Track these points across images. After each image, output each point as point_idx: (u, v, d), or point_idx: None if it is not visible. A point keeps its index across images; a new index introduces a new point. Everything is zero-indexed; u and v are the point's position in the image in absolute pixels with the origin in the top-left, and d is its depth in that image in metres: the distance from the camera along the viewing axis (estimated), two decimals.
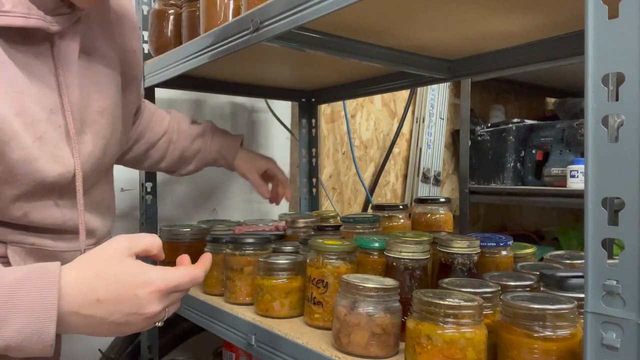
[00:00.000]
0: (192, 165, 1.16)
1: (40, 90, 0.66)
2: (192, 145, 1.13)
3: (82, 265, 0.57)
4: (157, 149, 1.11)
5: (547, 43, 0.91)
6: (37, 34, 0.66)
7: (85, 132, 0.73)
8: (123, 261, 0.57)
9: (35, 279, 0.52)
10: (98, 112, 0.75)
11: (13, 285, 0.52)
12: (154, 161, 1.12)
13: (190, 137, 1.13)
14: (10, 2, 0.61)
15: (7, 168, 0.62)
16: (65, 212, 0.71)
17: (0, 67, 0.62)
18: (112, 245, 0.58)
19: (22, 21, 0.62)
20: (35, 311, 0.51)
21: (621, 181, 0.41)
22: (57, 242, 0.71)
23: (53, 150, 0.66)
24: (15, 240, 0.68)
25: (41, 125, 0.65)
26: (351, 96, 1.49)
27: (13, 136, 0.62)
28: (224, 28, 0.90)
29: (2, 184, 0.63)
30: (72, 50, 0.70)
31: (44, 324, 0.51)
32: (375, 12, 0.77)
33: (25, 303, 0.51)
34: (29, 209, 0.67)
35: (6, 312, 0.51)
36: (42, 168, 0.65)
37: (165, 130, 1.11)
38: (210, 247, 0.99)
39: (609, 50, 0.42)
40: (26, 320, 0.51)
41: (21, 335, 0.51)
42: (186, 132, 1.13)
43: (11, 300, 0.51)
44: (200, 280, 0.61)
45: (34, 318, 0.51)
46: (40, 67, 0.67)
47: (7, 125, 0.61)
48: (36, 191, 0.66)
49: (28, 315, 0.51)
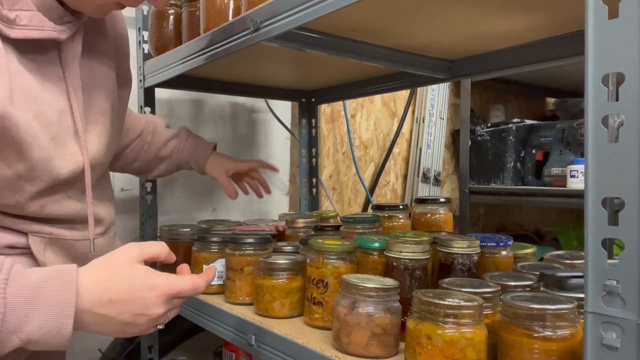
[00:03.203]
0: (164, 166, 1.18)
1: (52, 94, 0.71)
2: (166, 145, 1.16)
3: (97, 268, 0.63)
4: (132, 149, 1.13)
5: (547, 43, 0.91)
6: (47, 43, 0.71)
7: (90, 131, 0.78)
8: (133, 266, 0.64)
9: (56, 279, 0.59)
10: (100, 112, 0.80)
11: (36, 286, 0.58)
12: (128, 161, 1.14)
13: (164, 138, 1.16)
14: (26, 17, 0.66)
15: (30, 167, 0.68)
16: (76, 204, 0.76)
17: (16, 75, 0.66)
18: (124, 252, 0.65)
19: (38, 34, 0.67)
20: (56, 309, 0.57)
21: (621, 181, 0.41)
22: (71, 232, 0.77)
23: (63, 149, 0.72)
24: (35, 230, 0.73)
25: (54, 127, 0.70)
26: (351, 96, 1.49)
27: (35, 137, 0.67)
28: (224, 28, 0.90)
29: (25, 182, 0.68)
30: (75, 55, 0.75)
31: (63, 320, 0.57)
32: (375, 12, 0.77)
33: (46, 301, 0.57)
34: (45, 202, 0.72)
35: (30, 309, 0.56)
36: (57, 166, 0.70)
37: (141, 132, 1.13)
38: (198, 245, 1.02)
39: (609, 50, 0.42)
40: (47, 316, 0.57)
41: (42, 330, 0.57)
42: (161, 134, 1.16)
43: (35, 298, 0.57)
44: (201, 290, 0.67)
45: (54, 315, 0.57)
46: (50, 72, 0.72)
47: (29, 128, 0.66)
48: (52, 186, 0.72)
49: (49, 312, 0.57)
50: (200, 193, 1.61)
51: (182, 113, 1.58)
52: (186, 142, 1.18)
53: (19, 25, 0.66)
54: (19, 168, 0.67)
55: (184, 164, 1.20)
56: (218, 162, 1.20)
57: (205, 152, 1.19)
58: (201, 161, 1.19)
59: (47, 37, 0.68)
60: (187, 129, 1.21)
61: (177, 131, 1.18)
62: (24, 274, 0.59)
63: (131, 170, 1.18)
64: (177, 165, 1.20)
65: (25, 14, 0.66)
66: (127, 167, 1.16)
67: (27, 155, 0.67)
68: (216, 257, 0.99)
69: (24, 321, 0.56)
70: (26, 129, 0.66)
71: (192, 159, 1.19)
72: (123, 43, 0.92)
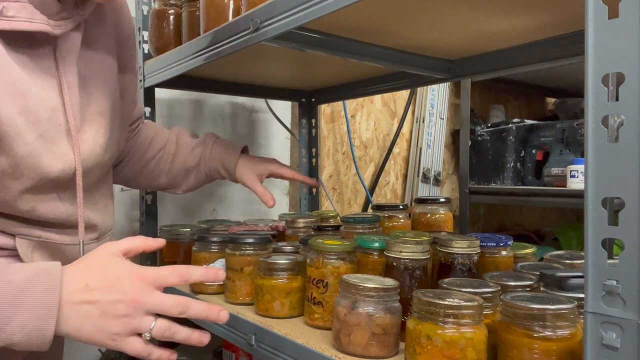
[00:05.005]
0: (192, 177, 1.09)
1: (43, 90, 0.69)
2: (192, 154, 1.08)
3: (76, 263, 0.65)
4: (157, 162, 1.08)
5: (547, 43, 0.91)
6: (40, 37, 0.69)
7: (85, 130, 0.76)
8: (110, 258, 0.64)
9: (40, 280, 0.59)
10: (98, 112, 0.79)
11: (20, 285, 0.58)
12: (153, 176, 1.08)
13: (189, 147, 1.08)
14: (14, 8, 0.64)
15: (14, 163, 0.66)
16: (67, 207, 0.75)
17: (4, 69, 0.65)
18: (100, 249, 0.66)
19: (27, 25, 0.65)
20: (39, 310, 0.57)
21: (621, 181, 0.41)
22: (61, 236, 0.76)
23: (53, 148, 0.70)
24: (23, 233, 0.72)
25: (42, 123, 0.68)
26: (351, 96, 1.49)
27: (19, 132, 0.65)
28: (224, 28, 0.90)
29: (10, 179, 0.67)
30: (73, 52, 0.73)
31: (46, 320, 0.57)
32: (375, 12, 0.77)
33: (30, 303, 0.57)
34: (35, 203, 0.71)
35: (13, 309, 0.56)
36: (45, 164, 0.69)
37: (165, 143, 1.08)
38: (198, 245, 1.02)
39: (609, 50, 0.42)
40: (30, 317, 0.57)
41: (24, 331, 0.57)
42: (186, 143, 1.09)
43: (18, 299, 0.57)
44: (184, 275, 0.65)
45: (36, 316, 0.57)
46: (43, 68, 0.70)
47: (12, 122, 0.65)
48: (41, 185, 0.70)
49: (31, 313, 0.57)
50: (200, 193, 1.61)
51: (182, 113, 1.58)
52: (213, 147, 1.08)
53: (6, 17, 0.63)
54: (2, 163, 0.66)
55: (214, 172, 1.09)
56: (248, 166, 1.07)
57: (233, 155, 1.07)
58: (230, 167, 1.07)
59: (37, 29, 0.66)
60: (213, 134, 1.11)
61: (203, 138, 1.10)
62: (8, 272, 0.58)
63: (158, 186, 1.11)
64: (206, 174, 1.09)
65: (14, 5, 0.64)
66: (154, 182, 1.10)
67: (10, 151, 0.65)
68: (216, 257, 0.99)
69: (5, 322, 0.56)
70: (9, 123, 0.64)
71: (221, 165, 1.08)
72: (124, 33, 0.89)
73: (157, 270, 0.64)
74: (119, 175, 1.07)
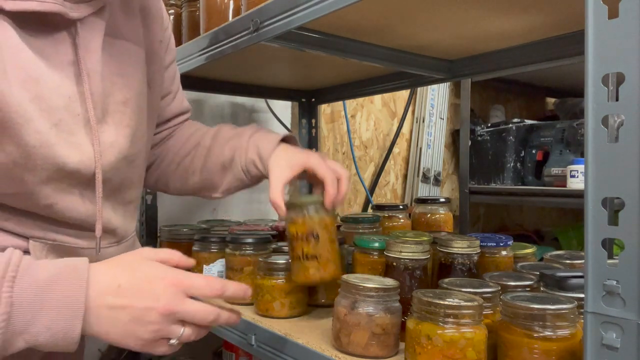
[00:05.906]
0: (229, 176, 0.89)
1: (59, 77, 0.65)
2: (228, 145, 0.89)
3: (108, 262, 0.62)
4: (192, 159, 0.93)
5: (547, 43, 0.91)
6: (56, 21, 0.64)
7: (107, 121, 0.71)
8: (144, 261, 0.62)
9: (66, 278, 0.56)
10: (122, 102, 0.73)
11: (45, 284, 0.55)
12: (187, 175, 0.93)
13: (226, 138, 0.90)
14: None
15: (25, 153, 0.62)
16: (88, 206, 0.70)
17: (15, 52, 0.60)
18: (136, 251, 0.64)
19: (36, 5, 0.61)
20: (65, 309, 0.55)
21: (621, 181, 0.41)
22: (77, 240, 0.72)
23: (69, 138, 0.66)
24: (37, 236, 0.68)
25: (58, 112, 0.64)
26: (351, 96, 1.49)
27: (28, 119, 0.62)
28: (224, 28, 0.91)
29: (23, 170, 0.63)
30: (95, 38, 0.68)
31: (72, 321, 0.55)
32: (375, 12, 0.77)
33: (56, 301, 0.55)
34: (56, 199, 0.67)
35: (38, 308, 0.54)
36: (60, 154, 0.65)
37: (201, 139, 0.93)
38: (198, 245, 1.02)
39: (609, 50, 0.42)
40: (56, 317, 0.54)
41: (50, 331, 0.54)
42: (224, 136, 0.91)
43: (43, 298, 0.54)
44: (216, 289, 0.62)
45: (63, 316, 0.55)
46: (60, 54, 0.65)
47: (21, 109, 0.61)
48: (58, 178, 0.66)
49: (57, 312, 0.54)
50: None
51: None
52: (251, 137, 0.87)
53: None
54: (12, 152, 0.61)
55: (250, 165, 0.86)
56: (282, 155, 0.83)
57: (271, 142, 0.85)
58: (265, 155, 0.84)
59: (49, 10, 0.61)
60: (254, 125, 0.92)
61: (243, 128, 0.91)
62: (33, 270, 0.55)
63: (192, 187, 0.94)
64: (242, 170, 0.87)
65: None
66: (186, 183, 0.94)
67: (20, 140, 0.61)
68: (216, 257, 0.99)
69: (30, 322, 0.53)
70: (18, 109, 0.60)
71: (257, 155, 0.85)
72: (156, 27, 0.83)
73: (192, 280, 0.61)
74: (151, 178, 0.99)
